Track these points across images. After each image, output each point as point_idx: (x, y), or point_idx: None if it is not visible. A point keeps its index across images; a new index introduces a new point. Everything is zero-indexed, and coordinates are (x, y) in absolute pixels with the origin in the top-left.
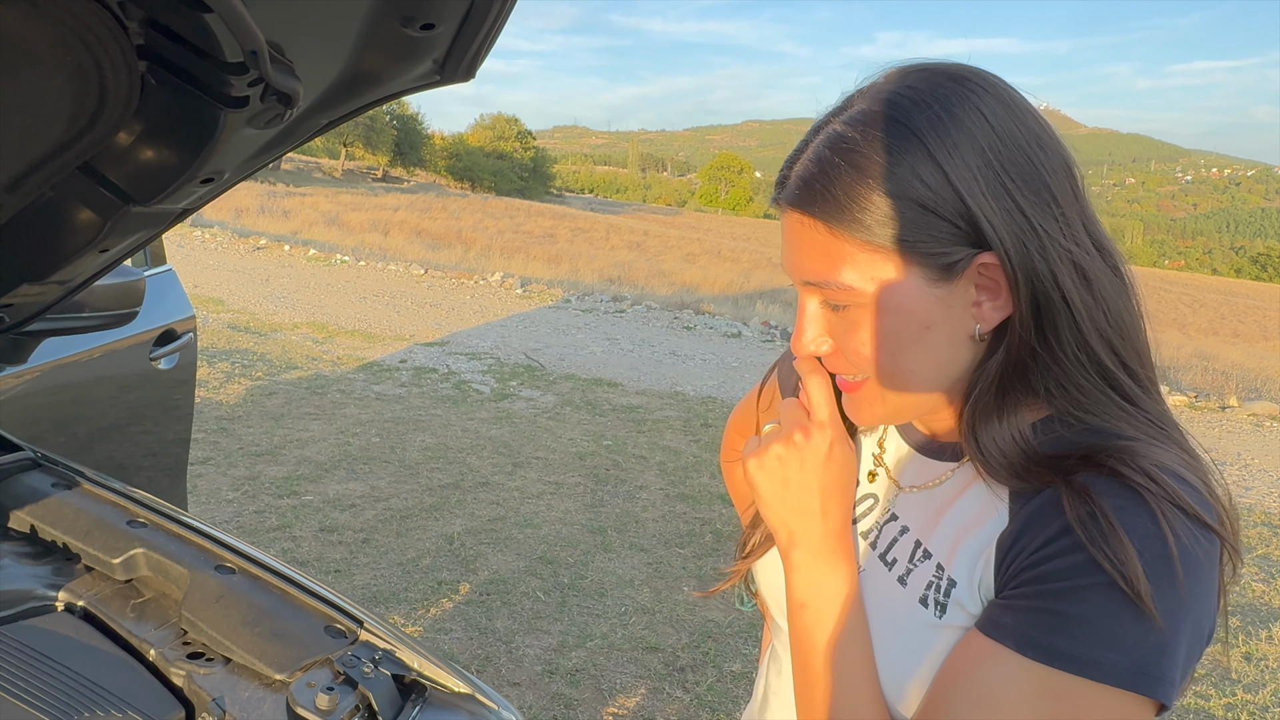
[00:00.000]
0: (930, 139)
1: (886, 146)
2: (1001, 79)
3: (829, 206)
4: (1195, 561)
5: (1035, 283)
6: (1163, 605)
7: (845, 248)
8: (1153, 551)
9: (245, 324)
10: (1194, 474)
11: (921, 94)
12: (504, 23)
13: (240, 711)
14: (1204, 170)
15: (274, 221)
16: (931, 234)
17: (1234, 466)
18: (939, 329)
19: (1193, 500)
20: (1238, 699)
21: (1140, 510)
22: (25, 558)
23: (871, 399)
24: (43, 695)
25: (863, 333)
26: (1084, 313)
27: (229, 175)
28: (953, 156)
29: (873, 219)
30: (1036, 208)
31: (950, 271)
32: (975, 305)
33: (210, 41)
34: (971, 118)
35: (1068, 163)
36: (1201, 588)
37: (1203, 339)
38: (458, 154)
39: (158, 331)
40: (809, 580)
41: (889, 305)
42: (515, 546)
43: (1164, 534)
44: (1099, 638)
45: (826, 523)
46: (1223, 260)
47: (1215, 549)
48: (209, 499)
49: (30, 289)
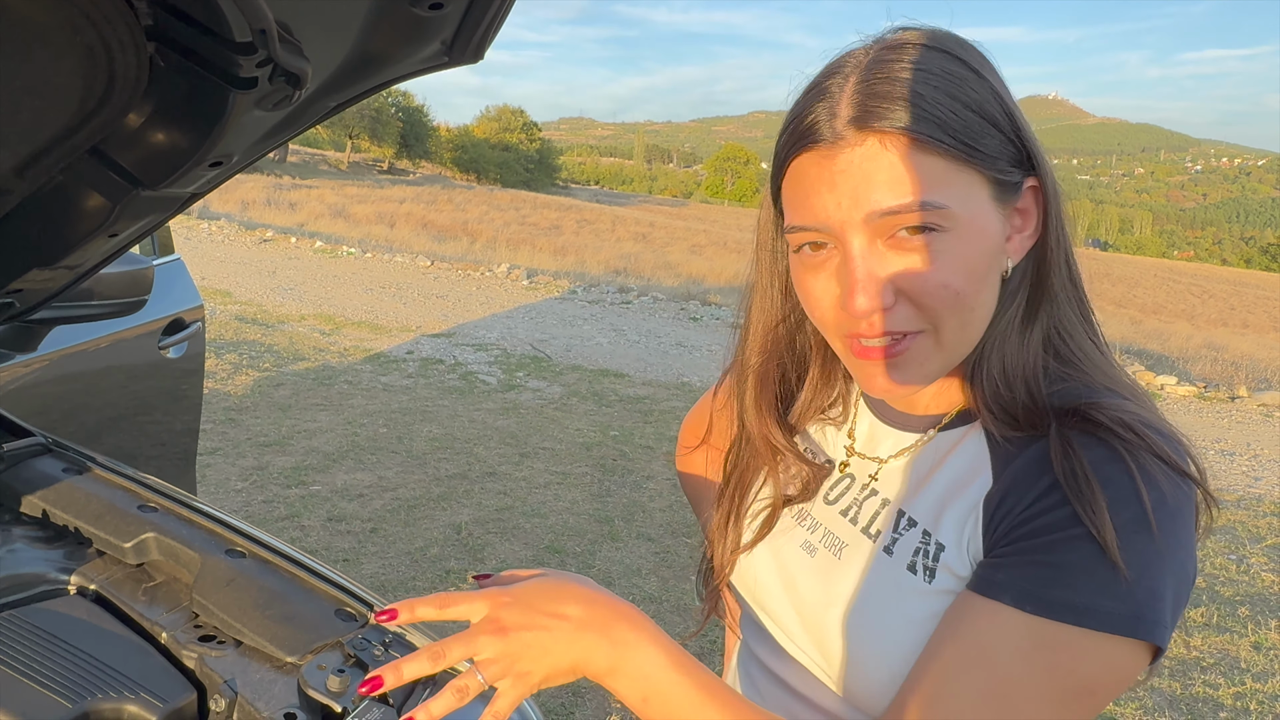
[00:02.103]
0: (979, 66)
1: (947, 68)
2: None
3: (925, 121)
4: (1172, 510)
5: (1057, 211)
6: (1143, 554)
7: (938, 166)
8: (1129, 505)
9: (253, 316)
10: (1164, 424)
11: (952, 38)
12: (512, 3)
13: (251, 693)
14: (1214, 160)
15: (280, 214)
16: (1000, 150)
17: (1244, 456)
18: (998, 258)
19: (1170, 449)
20: (1247, 688)
21: (1117, 464)
22: (38, 542)
23: (925, 354)
24: (56, 677)
25: (951, 260)
26: (1069, 250)
27: (237, 158)
28: (998, 84)
29: (965, 132)
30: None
31: (1011, 194)
32: (1008, 239)
33: (219, 21)
34: (977, 60)
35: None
36: (1180, 534)
37: (1212, 329)
38: (463, 146)
39: (166, 320)
40: (630, 683)
41: (975, 227)
42: (523, 536)
43: (1139, 488)
44: (1093, 586)
45: (574, 627)
46: (1232, 250)
47: (1191, 495)
48: (217, 489)
49: (39, 274)
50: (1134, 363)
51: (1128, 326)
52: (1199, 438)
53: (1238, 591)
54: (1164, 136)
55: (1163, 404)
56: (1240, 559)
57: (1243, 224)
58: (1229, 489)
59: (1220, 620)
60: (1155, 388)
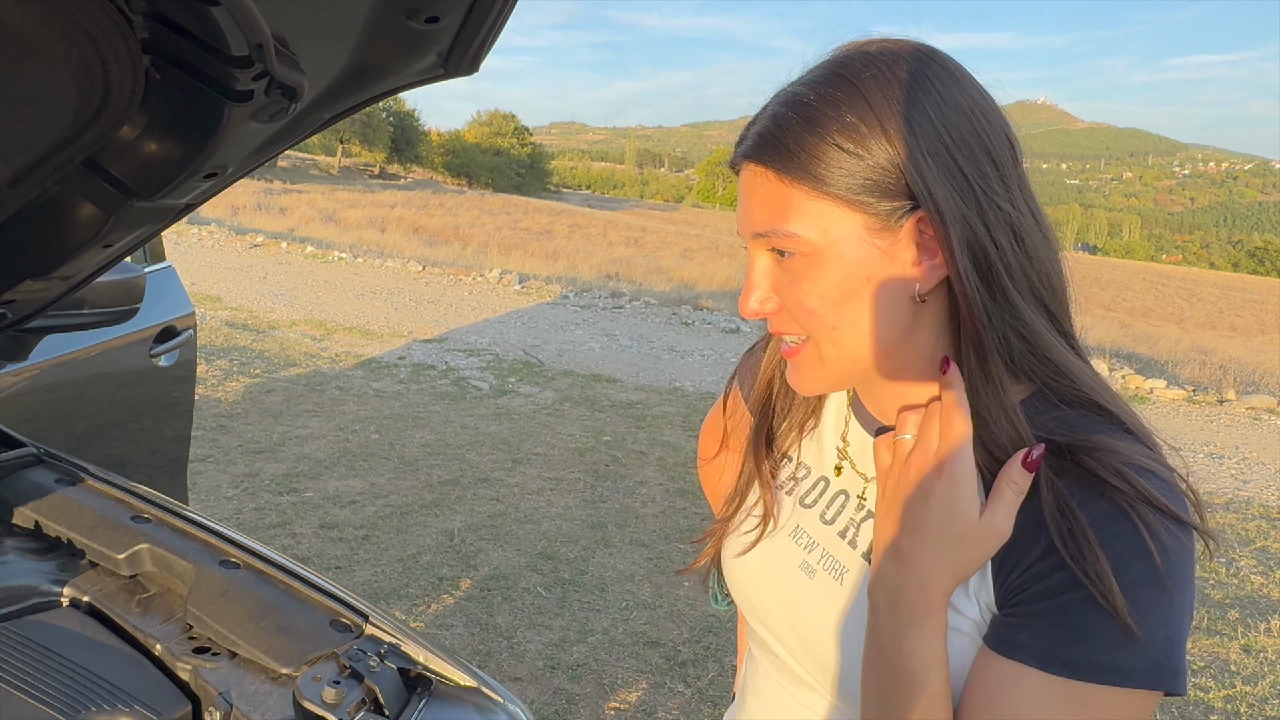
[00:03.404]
0: (874, 94)
1: (833, 99)
2: (950, 56)
3: (778, 155)
4: (1176, 562)
5: (971, 240)
6: (1157, 608)
7: (793, 194)
8: (1137, 562)
9: (243, 321)
10: (1160, 464)
11: (872, 56)
12: (508, 16)
13: (247, 705)
14: (1201, 164)
15: (271, 219)
16: (871, 184)
17: (1232, 460)
18: (879, 283)
19: (1166, 497)
20: (1237, 691)
21: (1120, 522)
22: (30, 553)
23: (812, 361)
24: (49, 690)
25: (806, 283)
26: (1019, 272)
27: (232, 170)
28: (893, 112)
29: (817, 166)
30: (974, 169)
31: (889, 224)
32: (916, 265)
33: (216, 35)
34: (916, 80)
35: (1008, 135)
36: (1186, 583)
37: (1200, 333)
38: (455, 150)
39: (158, 328)
40: (891, 632)
41: (832, 254)
42: (515, 542)
43: (1147, 546)
44: (1112, 644)
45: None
46: (1220, 254)
47: (1191, 541)
48: (209, 496)
49: (33, 285)
50: (1123, 366)
51: (1117, 330)
52: (1188, 441)
53: (1227, 594)
54: (1152, 141)
55: (1152, 408)
56: (1229, 562)
57: (1230, 228)
58: (1218, 492)
59: (1210, 623)
60: (1145, 391)
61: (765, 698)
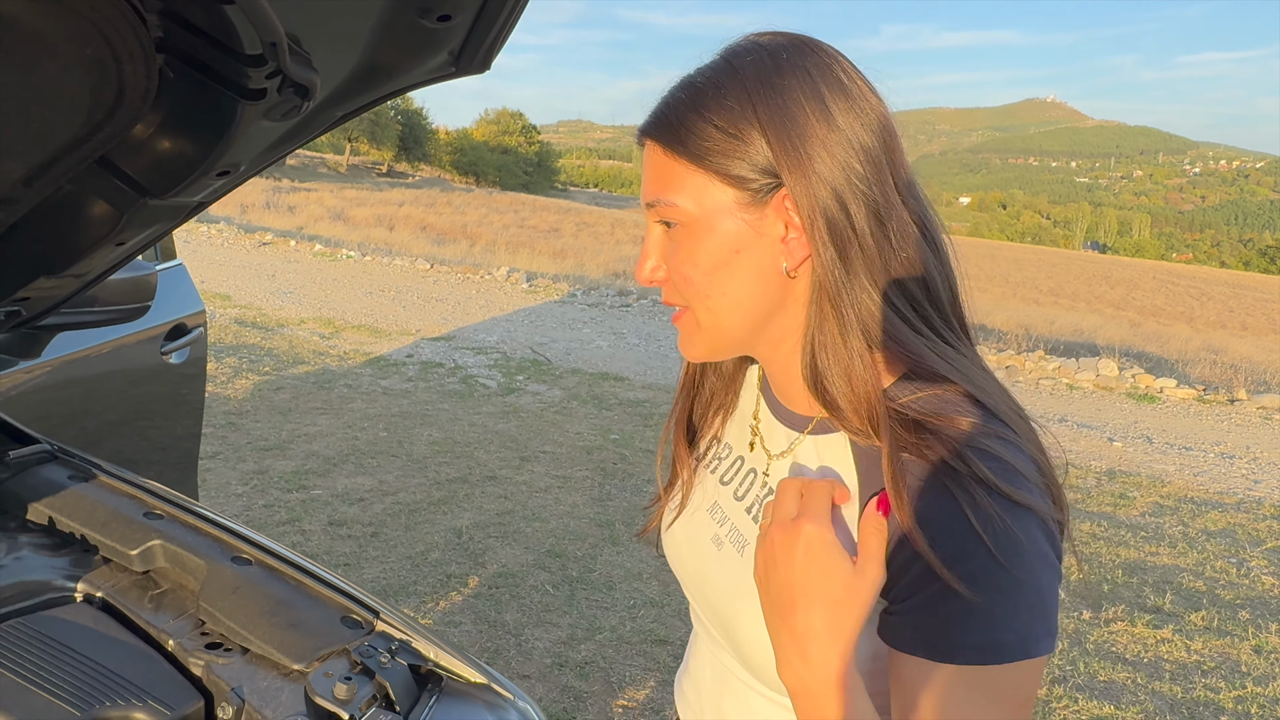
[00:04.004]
0: (751, 80)
1: (716, 83)
2: (840, 53)
3: (665, 132)
4: (1012, 540)
5: (830, 220)
6: (1004, 587)
7: (675, 168)
8: (974, 548)
9: (252, 319)
10: (1007, 443)
11: (756, 44)
12: (520, 14)
13: (259, 700)
14: (1212, 162)
15: (279, 217)
16: (741, 160)
17: (1243, 459)
18: (749, 256)
19: (1000, 477)
20: (1248, 692)
21: (951, 507)
22: (44, 549)
23: (691, 328)
24: (64, 685)
25: (684, 251)
26: (876, 254)
27: (245, 168)
28: (766, 94)
29: (696, 143)
30: (841, 154)
31: (757, 199)
32: (783, 241)
33: (230, 34)
34: (793, 69)
35: (885, 125)
36: (1029, 556)
37: (1211, 332)
38: (462, 149)
39: (168, 326)
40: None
41: (705, 225)
42: (523, 540)
43: (976, 529)
44: (980, 625)
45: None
46: (1231, 253)
47: (1030, 519)
48: (218, 493)
49: (47, 282)
50: (1133, 365)
51: (1126, 329)
52: (1198, 441)
53: (1238, 595)
54: (1162, 139)
55: (1162, 407)
56: (1240, 562)
57: (1241, 226)
58: (1229, 492)
59: (1221, 624)
60: (1155, 390)
61: (699, 657)
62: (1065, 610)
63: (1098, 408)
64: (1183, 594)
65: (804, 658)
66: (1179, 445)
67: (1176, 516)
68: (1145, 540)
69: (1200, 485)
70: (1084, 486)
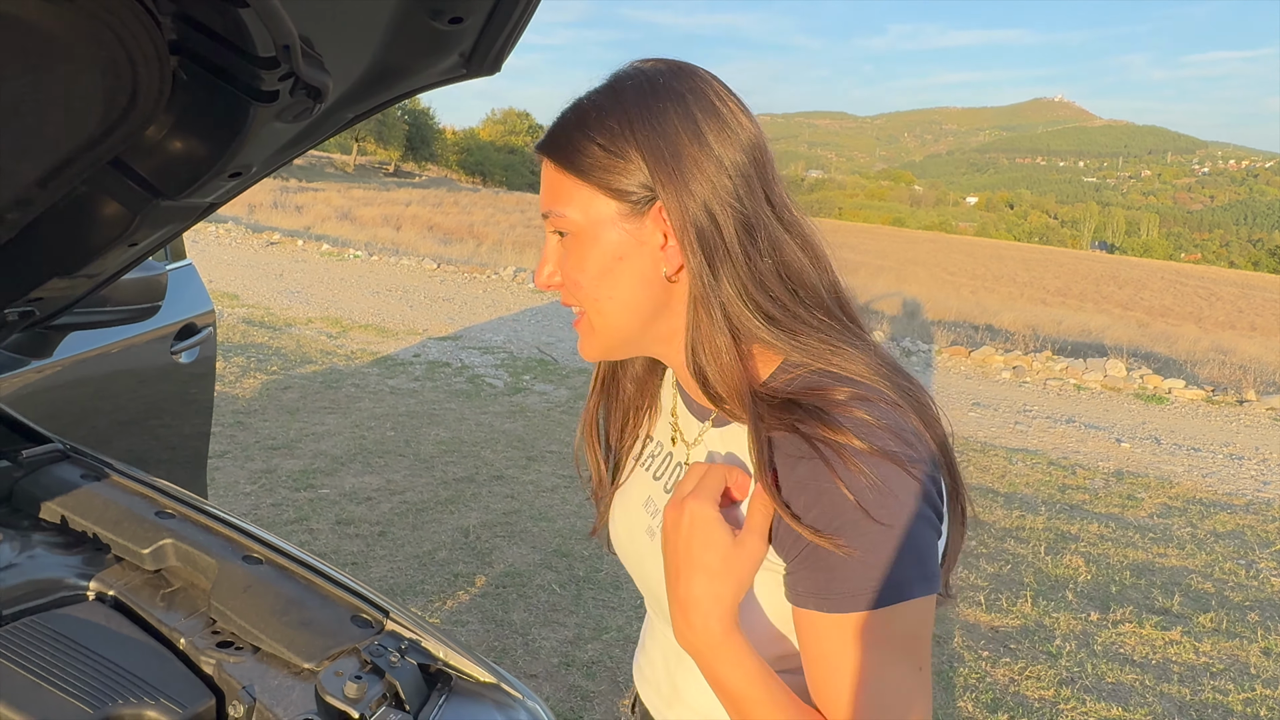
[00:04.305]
0: (630, 101)
1: (600, 106)
2: (717, 79)
3: (556, 149)
4: (880, 493)
5: (700, 229)
6: (875, 538)
7: (566, 183)
8: (842, 505)
9: (260, 319)
10: (874, 407)
11: (638, 69)
12: (530, 16)
13: (270, 699)
14: (1221, 162)
15: (287, 217)
16: (620, 176)
17: (1252, 461)
18: (631, 262)
19: (863, 437)
20: (1257, 694)
21: (819, 469)
22: (57, 548)
23: (586, 330)
24: (77, 683)
25: (574, 259)
26: (742, 258)
27: (256, 169)
28: (644, 116)
29: (582, 160)
30: (712, 171)
31: (637, 211)
32: (663, 249)
33: (243, 36)
34: (670, 92)
35: (756, 145)
36: (896, 508)
37: (1220, 333)
38: (469, 149)
39: (178, 325)
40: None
41: (592, 234)
42: (530, 540)
43: (841, 489)
44: (858, 575)
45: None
46: (1240, 253)
47: (898, 473)
48: (226, 492)
49: (60, 282)
50: (1141, 366)
51: (1134, 329)
52: (1207, 442)
53: (1247, 596)
54: (1171, 139)
55: (1170, 408)
56: (1249, 564)
57: (1250, 226)
58: (1238, 493)
59: (1230, 625)
60: (1163, 391)
61: (654, 638)
62: (1073, 611)
63: (1105, 408)
64: (1191, 596)
65: (688, 623)
66: (1187, 446)
67: (1185, 518)
68: (1153, 541)
69: (1209, 486)
70: (1092, 487)
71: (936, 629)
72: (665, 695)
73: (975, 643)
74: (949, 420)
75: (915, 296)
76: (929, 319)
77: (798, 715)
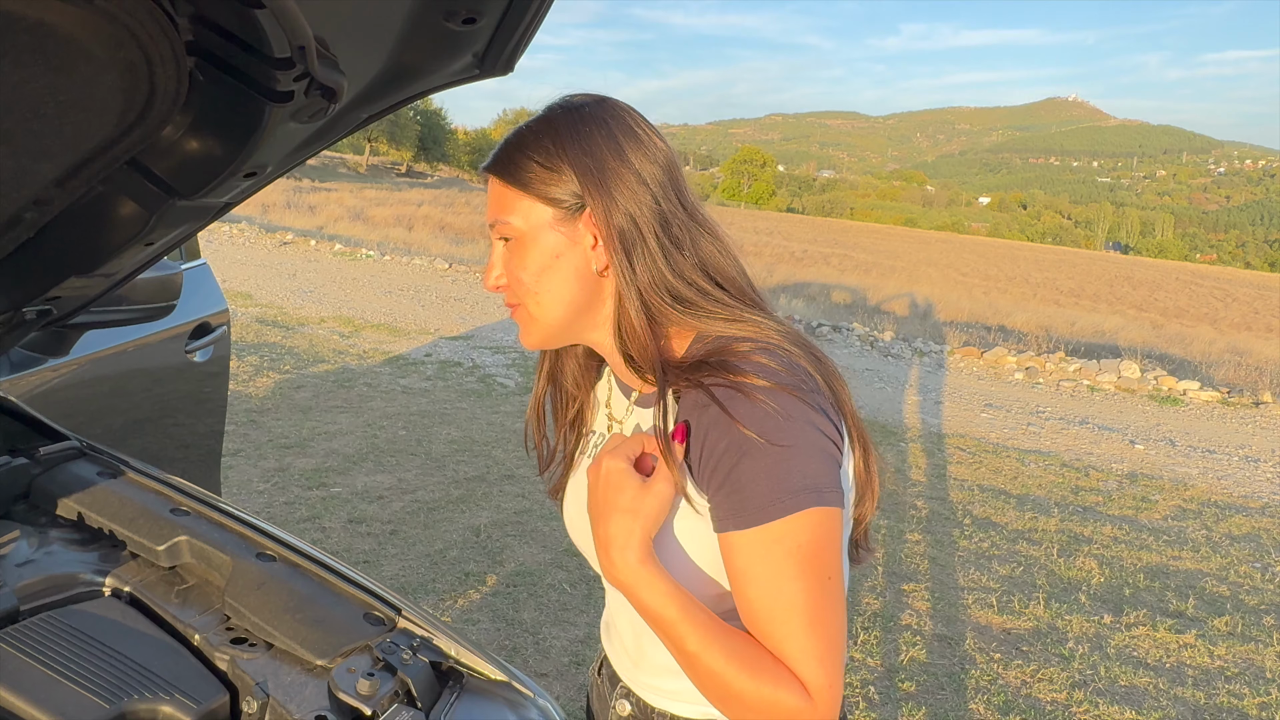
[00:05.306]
0: (561, 124)
1: (536, 130)
2: (634, 109)
3: (499, 167)
4: (775, 419)
5: (621, 232)
6: (772, 459)
7: (509, 195)
8: (740, 437)
9: (273, 318)
10: (771, 354)
11: (570, 103)
12: (544, 17)
13: (283, 695)
14: (1237, 162)
15: (300, 216)
16: (554, 187)
17: (1268, 463)
18: (566, 259)
19: (754, 375)
20: (1272, 698)
21: (716, 413)
22: (73, 544)
23: (526, 320)
24: (92, 677)
25: (516, 259)
26: (658, 253)
27: (271, 169)
28: (574, 138)
29: (522, 175)
30: (632, 181)
31: (569, 216)
32: (593, 249)
33: (259, 37)
34: (595, 118)
35: (669, 161)
36: (792, 430)
37: (1235, 334)
38: (481, 149)
39: (193, 325)
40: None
41: (532, 237)
42: (541, 539)
43: (736, 426)
44: (762, 493)
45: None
46: (1256, 254)
47: (792, 400)
48: (240, 490)
49: (77, 282)
50: (1155, 367)
51: (1149, 331)
52: (1222, 444)
53: (1263, 600)
54: (1186, 138)
55: (1185, 410)
56: (1265, 567)
57: (1267, 227)
58: (1254, 496)
59: (1245, 629)
60: (1178, 393)
61: (616, 602)
62: (1086, 614)
63: (1119, 410)
64: (1206, 599)
65: (609, 559)
66: (1202, 448)
67: (1200, 520)
68: (1168, 544)
69: (1224, 489)
70: (1105, 489)
71: (947, 629)
72: (633, 656)
73: (987, 645)
74: (848, 385)
75: (928, 297)
76: (941, 320)
77: (714, 628)
